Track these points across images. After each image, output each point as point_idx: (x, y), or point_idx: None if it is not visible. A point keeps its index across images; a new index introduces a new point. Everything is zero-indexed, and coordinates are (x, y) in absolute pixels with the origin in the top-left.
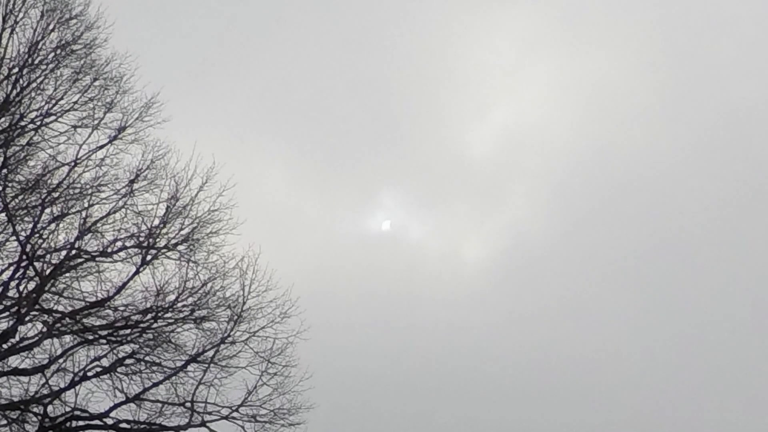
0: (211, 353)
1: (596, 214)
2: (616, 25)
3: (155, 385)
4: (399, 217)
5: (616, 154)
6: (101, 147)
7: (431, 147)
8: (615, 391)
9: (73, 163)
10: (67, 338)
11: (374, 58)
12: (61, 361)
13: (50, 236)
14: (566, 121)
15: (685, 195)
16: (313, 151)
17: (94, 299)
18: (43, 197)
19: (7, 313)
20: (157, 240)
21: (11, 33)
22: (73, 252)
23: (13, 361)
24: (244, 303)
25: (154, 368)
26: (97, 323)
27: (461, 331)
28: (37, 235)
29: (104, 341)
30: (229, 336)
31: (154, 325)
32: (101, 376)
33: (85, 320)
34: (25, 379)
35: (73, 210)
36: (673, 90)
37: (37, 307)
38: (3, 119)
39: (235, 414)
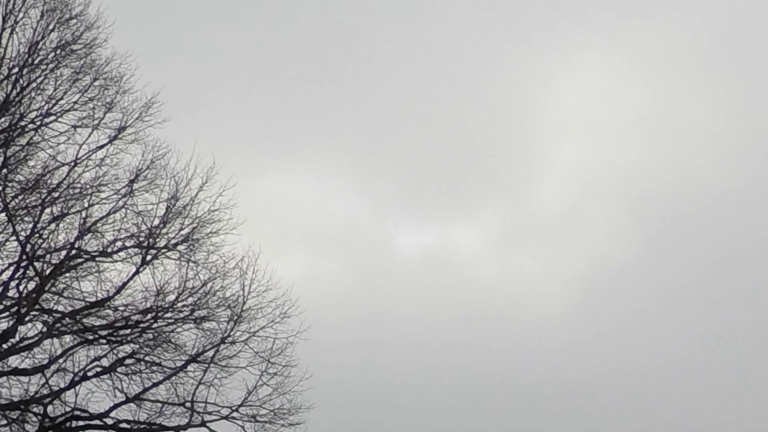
0: (211, 353)
1: (671, 234)
2: (686, 50)
3: (155, 385)
4: (480, 238)
5: (689, 174)
6: (101, 147)
7: (506, 172)
8: (698, 406)
9: (73, 163)
10: (67, 338)
11: (434, 85)
12: (61, 361)
13: (50, 236)
14: (639, 143)
15: (758, 211)
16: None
17: (94, 299)
18: (43, 197)
19: (7, 313)
20: (157, 240)
21: (11, 33)
22: (73, 252)
23: (13, 361)
24: (244, 303)
25: (154, 368)
26: (97, 323)
27: (538, 352)
28: (37, 235)
29: (104, 341)
30: (229, 336)
31: (154, 325)
32: (101, 376)
33: (85, 320)
34: (25, 379)
35: (73, 210)
36: (744, 109)
37: (37, 307)
38: (3, 119)
39: (235, 414)
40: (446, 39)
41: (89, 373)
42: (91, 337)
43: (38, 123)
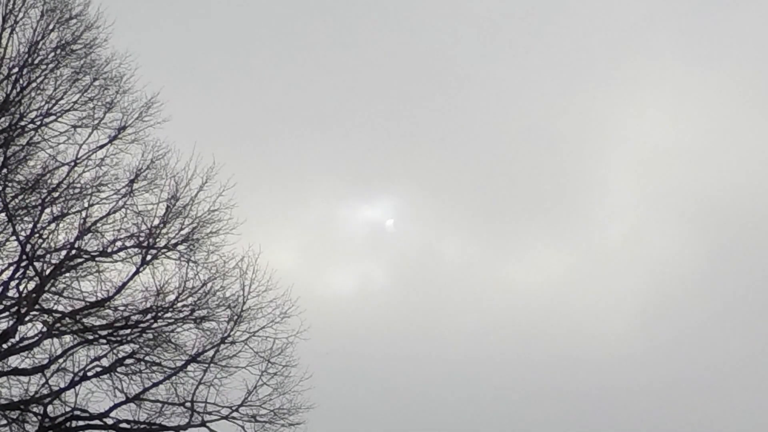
0: (211, 353)
1: (731, 251)
2: (744, 75)
3: (155, 385)
4: (542, 257)
5: (747, 187)
6: (101, 147)
7: (568, 193)
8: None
9: (73, 163)
10: (67, 338)
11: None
12: (61, 361)
13: (50, 236)
14: (698, 163)
15: None
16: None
17: (94, 299)
18: (43, 197)
19: (7, 313)
20: (157, 240)
21: (11, 33)
22: (73, 252)
23: (13, 361)
24: (244, 303)
25: (154, 368)
26: (97, 323)
27: (604, 366)
28: (37, 235)
29: (104, 341)
30: (229, 336)
31: (154, 325)
32: (101, 376)
33: (85, 320)
34: (25, 379)
35: (73, 210)
36: None
37: (37, 307)
38: (3, 119)
39: (235, 414)
40: (504, 73)
41: (89, 373)
42: (91, 337)
43: (38, 123)
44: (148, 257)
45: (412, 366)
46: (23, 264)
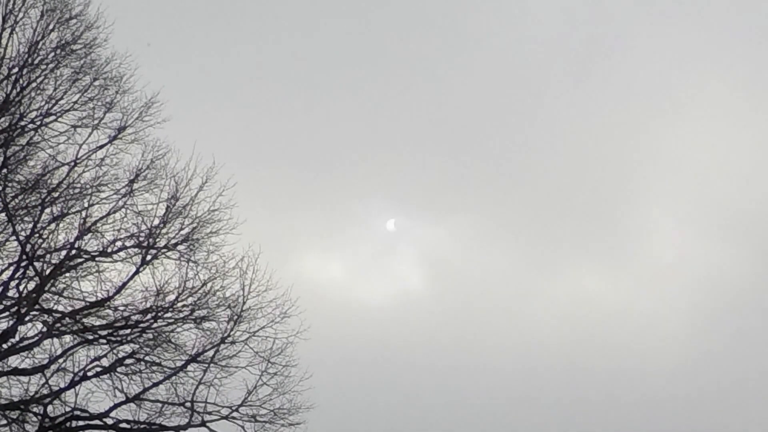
0: (211, 353)
1: None
2: None
3: (155, 385)
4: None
5: None
6: (101, 147)
7: (610, 211)
8: None
9: (73, 163)
10: (67, 338)
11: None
12: (61, 361)
13: (50, 236)
14: (743, 174)
15: None
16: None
17: (94, 299)
18: (43, 197)
19: (7, 313)
20: (157, 240)
21: (11, 33)
22: (73, 252)
23: (13, 361)
24: (244, 303)
25: (154, 368)
26: (97, 323)
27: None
28: (37, 235)
29: (104, 341)
30: (229, 336)
31: (154, 325)
32: (101, 376)
33: (85, 320)
34: (25, 379)
35: (73, 210)
36: None
37: (37, 307)
38: (3, 119)
39: (235, 414)
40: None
41: (89, 373)
42: (91, 337)
43: (38, 123)
44: (148, 257)
45: (450, 376)
46: (23, 264)
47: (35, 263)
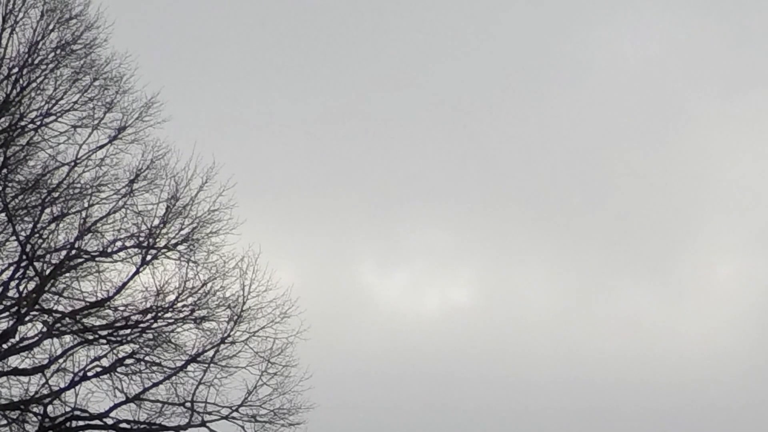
0: (211, 353)
1: None
2: None
3: (155, 385)
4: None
5: None
6: (101, 147)
7: (667, 231)
8: None
9: (73, 163)
10: (67, 338)
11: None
12: (61, 361)
13: (50, 236)
14: None
15: None
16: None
17: (94, 299)
18: (43, 197)
19: (7, 313)
20: (157, 240)
21: (11, 33)
22: (73, 252)
23: (13, 361)
24: (244, 303)
25: (154, 368)
26: (97, 323)
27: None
28: (37, 235)
29: (104, 341)
30: (229, 336)
31: (154, 325)
32: (101, 376)
33: (85, 320)
34: (25, 379)
35: (73, 210)
36: None
37: (37, 307)
38: (3, 119)
39: (235, 414)
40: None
41: (89, 373)
42: (91, 337)
43: (38, 123)
44: (148, 257)
45: (495, 388)
46: (23, 264)
47: (35, 263)
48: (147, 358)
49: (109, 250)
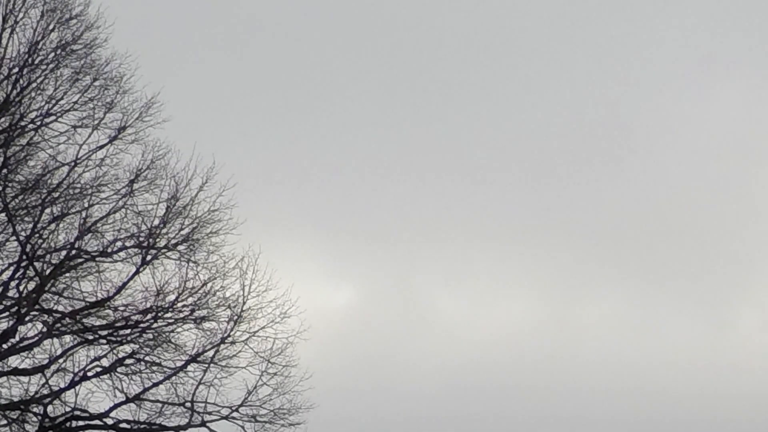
0: (211, 353)
1: None
2: None
3: (155, 385)
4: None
5: None
6: (101, 147)
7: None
8: None
9: (73, 163)
10: (67, 338)
11: None
12: (61, 361)
13: (50, 236)
14: None
15: None
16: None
17: (94, 299)
18: (43, 197)
19: (7, 313)
20: (157, 240)
21: (11, 33)
22: (73, 252)
23: (13, 361)
24: (244, 303)
25: (154, 368)
26: (97, 323)
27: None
28: (37, 235)
29: (104, 341)
30: (229, 336)
31: (154, 325)
32: (101, 376)
33: (85, 320)
34: (25, 379)
35: (73, 210)
36: None
37: (37, 307)
38: (3, 119)
39: (235, 414)
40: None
41: (89, 373)
42: (91, 337)
43: (38, 123)
44: (148, 257)
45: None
46: (23, 264)
47: (35, 263)
48: (147, 358)
49: (109, 250)
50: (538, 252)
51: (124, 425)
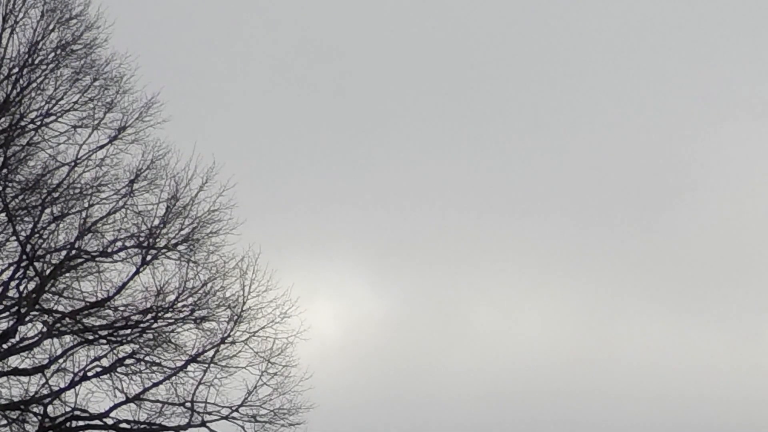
0: (211, 353)
1: None
2: None
3: (155, 385)
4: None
5: None
6: (101, 147)
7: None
8: None
9: (73, 163)
10: (67, 338)
11: None
12: (61, 361)
13: (50, 236)
14: None
15: None
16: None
17: (94, 299)
18: (43, 197)
19: (7, 313)
20: (157, 240)
21: (11, 33)
22: (73, 252)
23: (13, 361)
24: (244, 303)
25: (154, 368)
26: (97, 323)
27: None
28: (37, 235)
29: (104, 341)
30: (229, 336)
31: (154, 325)
32: (101, 376)
33: (85, 320)
34: (25, 379)
35: (73, 210)
36: None
37: (37, 307)
38: (3, 119)
39: (235, 414)
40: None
41: (89, 373)
42: (91, 337)
43: (38, 123)
44: (148, 257)
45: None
46: (23, 264)
47: (35, 263)
48: (147, 358)
49: (109, 250)
50: (577, 270)
51: (124, 425)
